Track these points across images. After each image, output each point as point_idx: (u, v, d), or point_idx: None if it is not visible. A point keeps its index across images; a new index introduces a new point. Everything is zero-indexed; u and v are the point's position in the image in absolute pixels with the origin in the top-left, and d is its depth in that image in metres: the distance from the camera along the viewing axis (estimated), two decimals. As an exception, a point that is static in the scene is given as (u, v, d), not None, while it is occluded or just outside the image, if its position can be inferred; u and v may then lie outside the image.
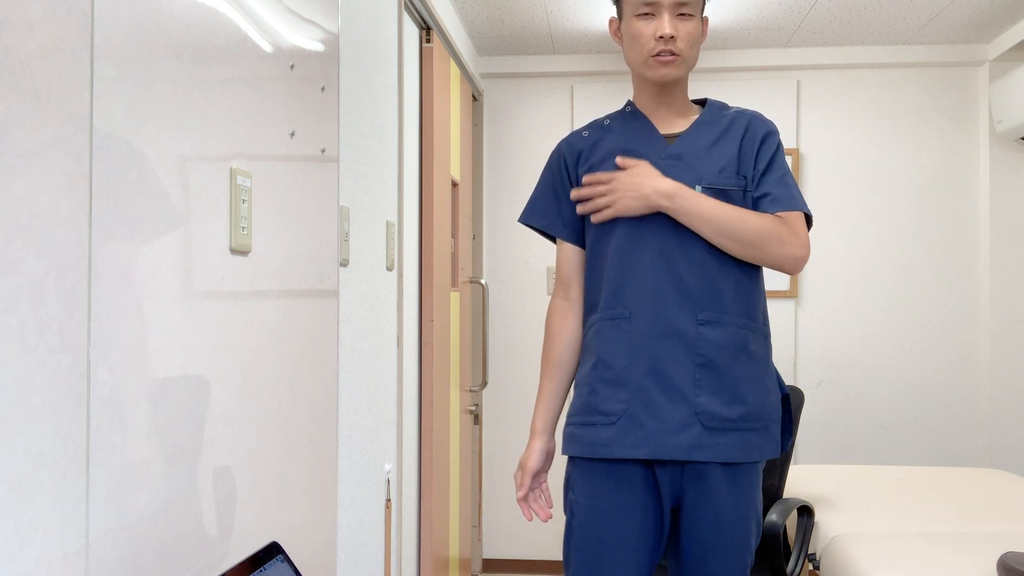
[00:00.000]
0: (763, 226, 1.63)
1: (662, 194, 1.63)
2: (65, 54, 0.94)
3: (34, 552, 0.90)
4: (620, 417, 1.63)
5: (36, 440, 0.90)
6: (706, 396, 1.62)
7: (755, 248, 1.63)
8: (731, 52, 3.91)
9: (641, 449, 1.62)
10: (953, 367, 3.87)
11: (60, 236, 0.93)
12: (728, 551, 1.65)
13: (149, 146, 1.11)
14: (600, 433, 1.65)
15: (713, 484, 1.63)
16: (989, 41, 3.77)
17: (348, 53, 1.99)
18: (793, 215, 1.69)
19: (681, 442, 1.61)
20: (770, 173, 1.71)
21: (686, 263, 1.64)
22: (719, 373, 1.63)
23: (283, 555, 1.14)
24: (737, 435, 1.64)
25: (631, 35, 1.70)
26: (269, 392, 1.50)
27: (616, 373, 1.65)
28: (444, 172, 3.07)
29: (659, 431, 1.61)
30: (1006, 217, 3.77)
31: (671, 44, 1.66)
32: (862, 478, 3.12)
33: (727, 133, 1.71)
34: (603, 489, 1.65)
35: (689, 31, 1.67)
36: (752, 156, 1.70)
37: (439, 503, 2.96)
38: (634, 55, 1.71)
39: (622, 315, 1.66)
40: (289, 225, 1.59)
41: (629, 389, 1.63)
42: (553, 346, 1.79)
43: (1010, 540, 2.32)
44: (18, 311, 0.87)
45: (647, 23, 1.67)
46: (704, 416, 1.62)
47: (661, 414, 1.62)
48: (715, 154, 1.69)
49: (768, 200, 1.69)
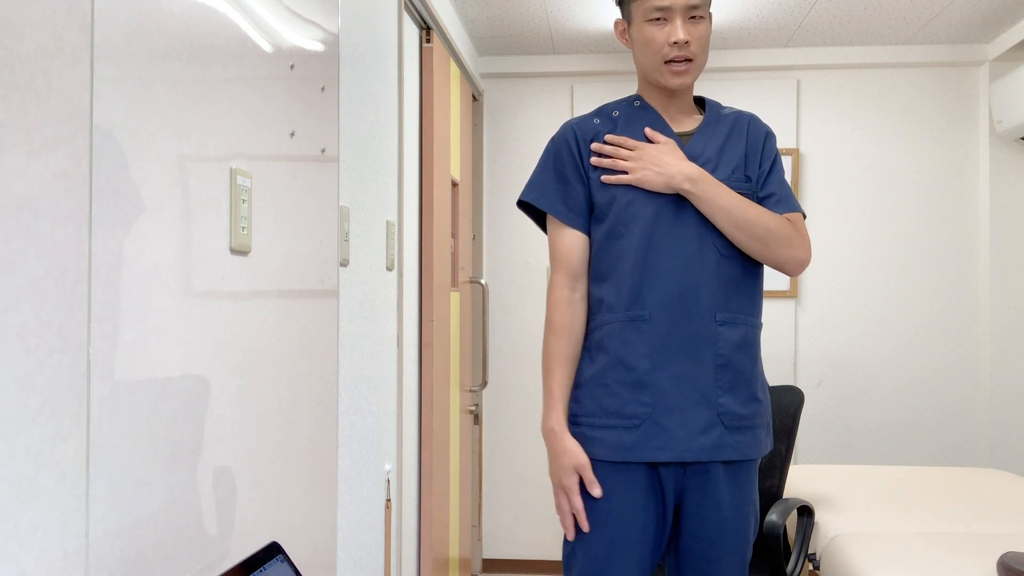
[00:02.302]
0: (775, 226, 1.65)
1: (686, 176, 1.63)
2: (65, 54, 0.94)
3: (34, 552, 0.90)
4: (644, 421, 1.63)
5: (36, 440, 0.90)
6: (727, 396, 1.64)
7: (764, 246, 1.65)
8: (731, 52, 3.91)
9: (666, 452, 1.62)
10: (953, 367, 3.87)
11: (60, 236, 0.93)
12: (730, 546, 1.66)
13: (149, 146, 1.11)
14: (623, 436, 1.64)
15: (716, 481, 1.64)
16: (989, 41, 3.77)
17: (348, 53, 1.99)
18: (797, 217, 1.71)
19: (705, 443, 1.62)
20: (773, 174, 1.73)
21: (703, 264, 1.65)
22: (738, 372, 1.65)
23: (283, 555, 1.14)
24: (751, 432, 1.67)
25: (643, 40, 1.68)
26: (269, 392, 1.50)
27: (638, 376, 1.64)
28: (444, 172, 3.07)
29: (683, 435, 1.62)
30: (1006, 217, 3.77)
31: (685, 50, 1.65)
32: (862, 478, 3.12)
33: (732, 134, 1.72)
34: (609, 489, 1.65)
35: (701, 33, 1.66)
36: (757, 157, 1.72)
37: (439, 503, 2.96)
38: (645, 60, 1.70)
39: (641, 317, 1.65)
40: (289, 225, 1.59)
41: (652, 392, 1.63)
42: (567, 341, 1.70)
43: (1010, 540, 2.32)
44: (18, 311, 0.87)
45: (659, 28, 1.65)
46: (726, 416, 1.64)
47: (684, 417, 1.62)
48: (726, 155, 1.70)
49: (773, 200, 1.70)
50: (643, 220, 1.66)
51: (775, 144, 1.76)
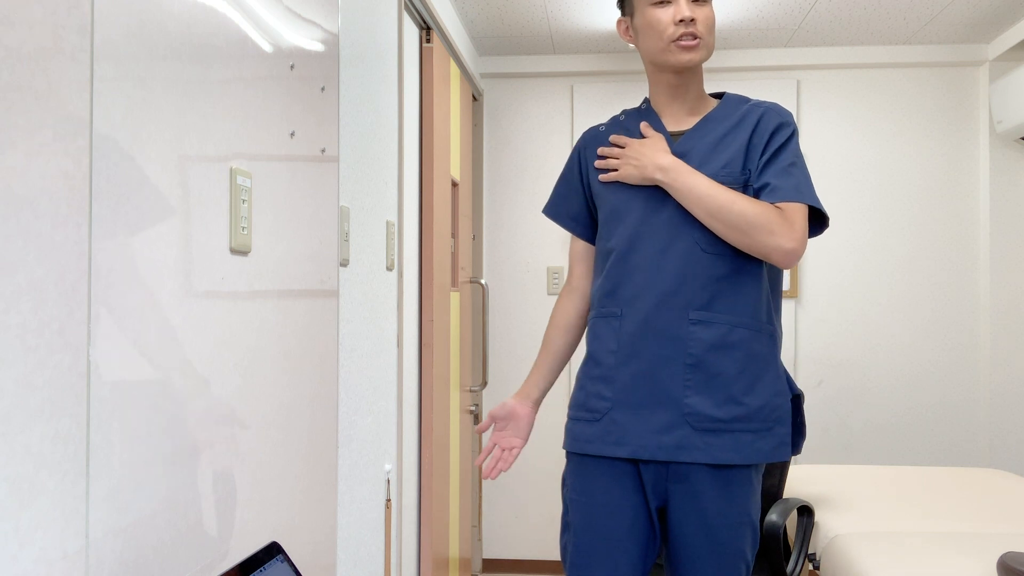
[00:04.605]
0: (753, 212, 1.57)
1: (658, 166, 1.64)
2: (65, 54, 0.94)
3: (34, 552, 0.90)
4: (604, 415, 1.66)
5: (36, 440, 0.90)
6: (696, 396, 1.61)
7: (743, 234, 1.58)
8: (731, 52, 3.91)
9: (623, 448, 1.64)
10: (953, 366, 3.87)
11: (60, 236, 0.93)
12: (718, 557, 1.61)
13: (149, 146, 1.11)
14: (585, 429, 1.69)
15: (699, 486, 1.61)
16: (989, 41, 3.77)
17: (348, 53, 1.99)
18: (794, 207, 1.60)
19: (665, 443, 1.61)
20: (774, 164, 1.64)
21: (681, 263, 1.63)
22: (711, 373, 1.61)
23: (283, 555, 1.14)
24: (730, 436, 1.60)
25: (647, 24, 1.68)
26: (269, 392, 1.50)
27: (604, 371, 1.68)
28: (444, 172, 3.07)
29: (641, 431, 1.62)
30: (1006, 217, 3.77)
31: (692, 27, 1.64)
32: (862, 478, 3.12)
33: (738, 127, 1.67)
34: (595, 485, 1.66)
35: (707, 15, 1.66)
36: (760, 149, 1.65)
37: (439, 503, 2.96)
38: (652, 44, 1.68)
39: (614, 314, 1.69)
40: (289, 225, 1.59)
41: (615, 388, 1.65)
42: (547, 329, 1.86)
43: (1010, 540, 2.32)
44: (18, 311, 0.87)
45: (664, 10, 1.66)
46: (692, 417, 1.61)
47: (645, 414, 1.62)
48: (720, 150, 1.66)
49: (768, 190, 1.62)
50: (630, 219, 1.69)
51: (788, 133, 1.66)
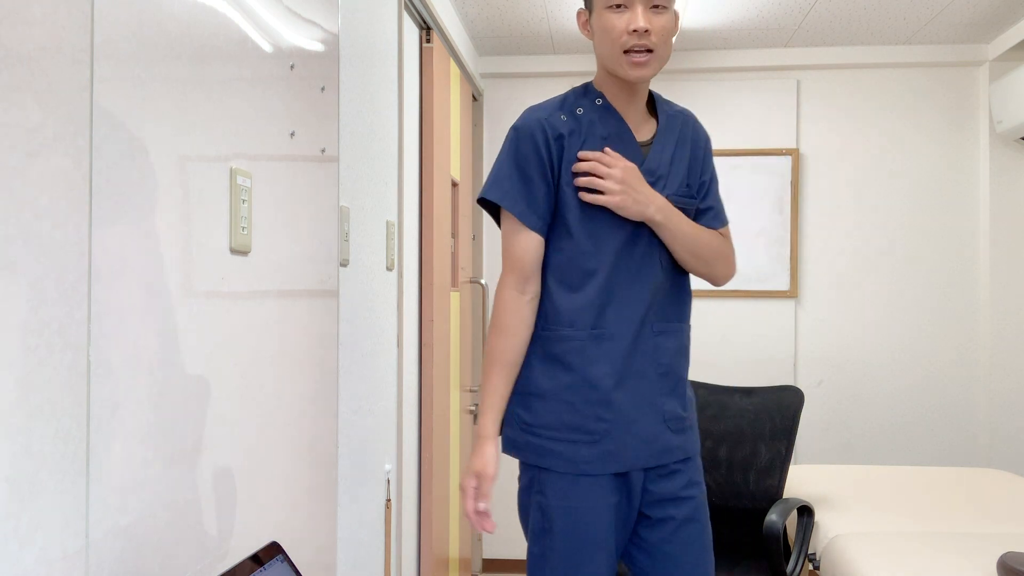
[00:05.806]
0: (717, 247, 1.74)
1: (659, 208, 1.65)
2: (65, 54, 0.94)
3: (34, 552, 0.90)
4: (603, 436, 1.66)
5: (36, 440, 0.90)
6: (670, 402, 1.71)
7: (706, 265, 1.74)
8: (731, 52, 3.91)
9: (621, 464, 1.66)
10: (953, 367, 3.87)
11: (60, 236, 0.93)
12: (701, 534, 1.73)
13: (149, 146, 1.11)
14: (581, 451, 1.66)
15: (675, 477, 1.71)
16: (989, 41, 3.77)
17: (348, 53, 1.99)
18: (727, 231, 1.80)
19: (655, 450, 1.69)
20: (713, 184, 1.79)
21: (650, 282, 1.69)
22: (677, 378, 1.73)
23: (283, 555, 1.14)
24: (691, 432, 1.75)
25: (602, 28, 1.63)
26: (269, 392, 1.50)
27: (601, 394, 1.66)
28: (444, 172, 3.07)
29: (636, 444, 1.67)
30: (1006, 217, 3.77)
31: (645, 38, 1.59)
32: (862, 478, 3.12)
33: (681, 142, 1.74)
34: (578, 492, 1.66)
35: (663, 25, 1.61)
36: (698, 167, 1.77)
37: (439, 503, 2.96)
38: (606, 50, 1.64)
39: (603, 335, 1.66)
40: (289, 225, 1.59)
41: (613, 409, 1.66)
42: (511, 345, 1.67)
43: (1010, 540, 2.32)
44: (18, 311, 0.87)
45: (619, 16, 1.60)
46: (671, 421, 1.70)
47: (637, 429, 1.67)
48: (675, 169, 1.72)
49: (711, 215, 1.77)
50: (614, 241, 1.66)
51: (711, 149, 1.82)
